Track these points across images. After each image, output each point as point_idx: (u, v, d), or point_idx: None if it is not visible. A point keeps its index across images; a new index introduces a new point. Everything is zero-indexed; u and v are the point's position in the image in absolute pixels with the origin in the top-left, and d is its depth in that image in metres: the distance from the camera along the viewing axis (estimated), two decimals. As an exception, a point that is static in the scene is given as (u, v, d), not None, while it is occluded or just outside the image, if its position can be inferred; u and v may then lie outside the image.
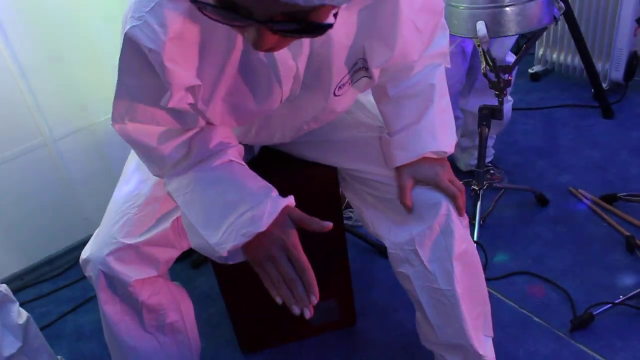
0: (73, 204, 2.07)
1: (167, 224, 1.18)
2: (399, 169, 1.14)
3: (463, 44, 1.78)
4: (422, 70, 1.12)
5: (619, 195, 1.94)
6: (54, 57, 1.85)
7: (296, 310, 0.91)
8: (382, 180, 1.18)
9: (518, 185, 2.01)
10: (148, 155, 1.02)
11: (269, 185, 0.99)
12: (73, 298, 1.95)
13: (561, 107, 2.54)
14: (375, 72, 1.00)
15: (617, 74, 2.51)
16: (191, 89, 0.89)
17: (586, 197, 1.99)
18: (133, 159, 1.27)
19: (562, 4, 1.48)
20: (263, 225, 0.90)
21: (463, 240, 1.13)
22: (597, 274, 1.68)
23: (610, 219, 1.88)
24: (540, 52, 2.76)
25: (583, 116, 2.47)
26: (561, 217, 1.93)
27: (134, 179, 1.22)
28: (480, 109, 1.65)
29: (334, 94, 1.01)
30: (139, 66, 0.84)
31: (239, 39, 0.86)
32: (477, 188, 1.81)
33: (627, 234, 1.79)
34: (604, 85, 2.51)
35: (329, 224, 0.94)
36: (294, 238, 0.93)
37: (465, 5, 1.42)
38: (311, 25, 0.65)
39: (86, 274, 1.18)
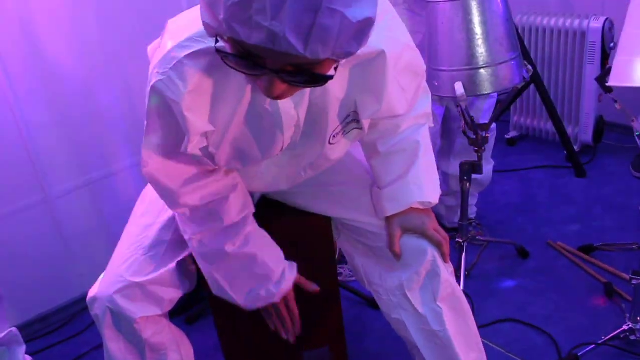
0: (69, 261, 2.10)
1: (172, 265, 1.25)
2: (388, 219, 1.24)
3: (434, 106, 1.93)
4: (408, 128, 1.24)
5: (595, 245, 2.05)
6: (57, 116, 1.94)
7: (284, 335, 1.31)
8: (372, 230, 1.28)
9: (500, 239, 2.12)
10: (168, 196, 1.13)
11: (281, 255, 1.26)
12: (66, 354, 1.95)
13: (537, 168, 2.69)
14: (365, 123, 1.12)
15: (587, 137, 2.68)
16: (205, 134, 1.00)
17: (565, 249, 2.09)
18: (142, 204, 1.35)
19: (530, 67, 1.65)
20: (277, 298, 1.24)
21: (449, 284, 1.21)
22: (579, 318, 1.76)
23: (588, 268, 1.97)
24: (515, 119, 2.94)
25: (558, 176, 2.62)
26: (542, 267, 2.03)
27: (142, 222, 1.31)
28: (462, 165, 1.78)
29: (329, 143, 1.13)
30: (163, 115, 0.96)
31: (248, 90, 0.98)
32: (461, 240, 1.91)
33: (605, 281, 1.88)
34: (575, 147, 2.68)
35: (316, 287, 1.31)
36: (291, 295, 1.27)
37: (445, 68, 1.58)
38: (316, 76, 0.78)
39: (92, 313, 1.23)
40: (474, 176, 2.02)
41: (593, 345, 1.60)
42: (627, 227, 2.17)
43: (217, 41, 0.77)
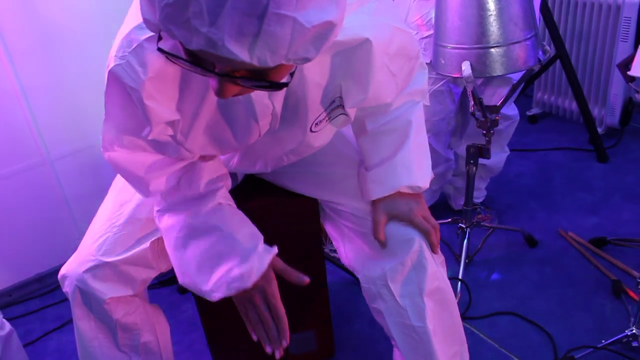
0: (67, 223, 2.09)
1: (146, 245, 1.20)
2: (374, 204, 1.16)
3: (451, 84, 1.82)
4: (400, 106, 1.15)
5: (608, 239, 1.94)
6: (57, 79, 1.90)
7: (268, 350, 1.06)
8: (358, 214, 1.20)
9: (507, 226, 2.02)
10: (136, 183, 1.07)
11: (257, 233, 1.07)
12: (59, 317, 1.96)
13: (557, 150, 2.56)
14: (351, 112, 1.04)
15: (613, 119, 2.53)
16: (170, 123, 0.93)
17: (575, 240, 1.99)
18: (119, 180, 1.30)
19: (547, 48, 1.52)
20: (251, 282, 1.01)
21: (435, 277, 1.14)
22: (582, 317, 1.67)
23: (598, 263, 1.87)
24: (538, 95, 2.79)
25: (578, 159, 2.48)
26: (549, 258, 1.93)
27: (118, 199, 1.25)
28: (468, 148, 1.68)
29: (311, 130, 1.05)
30: (122, 101, 0.89)
31: None
32: (464, 226, 1.82)
33: (614, 278, 1.78)
34: (600, 129, 2.53)
35: (307, 279, 1.07)
36: (274, 288, 1.05)
37: (452, 45, 1.46)
38: (268, 82, 0.70)
39: (63, 290, 1.20)
40: (484, 161, 1.93)
41: (591, 349, 1.51)
42: (646, 219, 2.05)
43: (160, 38, 0.69)
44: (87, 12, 1.89)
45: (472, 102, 1.59)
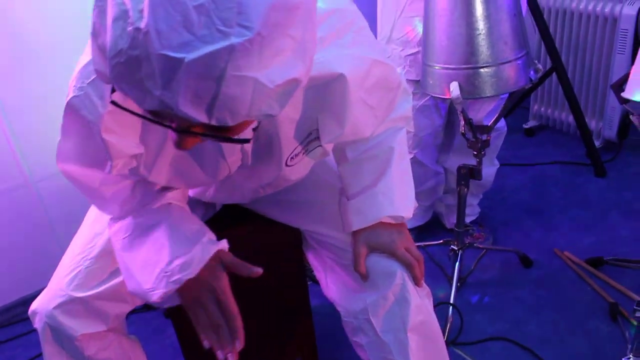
0: (51, 245, 2.04)
1: (119, 278, 1.15)
2: (354, 235, 1.11)
3: (437, 99, 1.78)
4: (382, 132, 1.10)
5: (605, 259, 1.89)
6: (38, 100, 1.86)
7: (220, 356, 0.91)
8: (340, 245, 1.16)
9: (501, 247, 1.97)
10: (91, 194, 1.01)
11: (203, 228, 0.99)
12: (42, 341, 1.90)
13: (553, 163, 2.51)
14: (328, 146, 0.99)
15: (611, 132, 2.48)
16: (134, 156, 0.89)
17: (572, 260, 1.94)
18: (94, 210, 1.26)
19: (539, 66, 1.47)
20: (192, 272, 0.91)
21: (420, 311, 1.08)
22: (577, 342, 1.62)
23: (594, 284, 1.82)
24: (535, 108, 2.74)
25: (575, 174, 2.43)
26: (545, 279, 1.88)
27: (91, 230, 1.21)
28: (459, 169, 1.63)
29: (286, 165, 1.01)
30: (81, 133, 0.85)
31: None
32: (456, 248, 1.77)
33: (611, 300, 1.73)
34: (597, 143, 2.48)
35: (259, 270, 0.95)
36: (223, 283, 0.94)
37: (440, 65, 1.41)
38: (230, 137, 0.67)
39: (34, 326, 1.15)
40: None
41: (586, 378, 1.47)
42: (644, 238, 2.00)
43: (114, 89, 0.65)
44: (69, 32, 1.85)
45: (462, 122, 1.54)
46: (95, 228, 1.20)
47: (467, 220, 2.07)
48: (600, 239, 2.03)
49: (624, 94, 1.25)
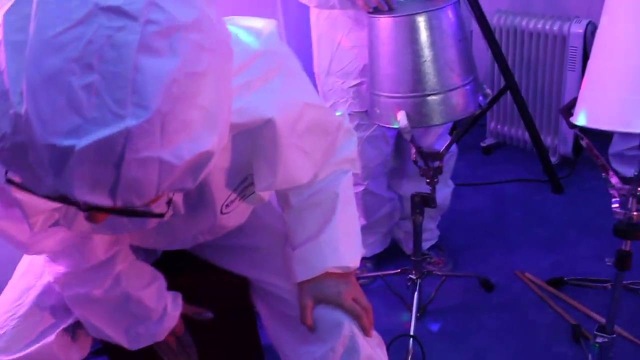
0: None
1: (50, 337, 1.07)
2: (300, 286, 1.05)
3: (385, 128, 1.74)
4: (327, 177, 1.05)
5: (565, 279, 1.87)
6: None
7: None
8: (286, 296, 1.11)
9: (461, 272, 1.93)
10: (18, 246, 0.94)
11: (162, 292, 1.08)
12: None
13: (512, 182, 2.49)
14: (264, 193, 0.94)
15: (566, 148, 2.49)
16: (55, 209, 0.82)
17: (532, 282, 1.91)
18: (24, 261, 1.17)
19: (488, 91, 1.44)
20: (162, 337, 1.09)
21: None
22: (541, 369, 1.58)
23: (556, 306, 1.80)
24: (492, 126, 2.73)
25: (533, 191, 2.42)
26: (507, 303, 1.85)
27: (20, 284, 1.12)
28: (412, 197, 1.58)
29: (221, 212, 0.95)
30: None
31: None
32: (414, 277, 1.72)
33: (574, 322, 1.71)
34: (553, 159, 2.48)
35: (210, 315, 1.16)
36: (179, 325, 1.13)
37: (386, 94, 1.37)
38: (142, 213, 0.62)
39: None
40: None
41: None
42: (603, 255, 1.97)
43: None
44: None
45: (413, 150, 1.51)
46: (25, 282, 1.11)
47: (427, 245, 2.03)
48: (561, 257, 2.02)
49: (573, 120, 1.23)
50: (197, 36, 0.53)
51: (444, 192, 1.94)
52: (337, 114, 1.06)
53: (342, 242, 1.04)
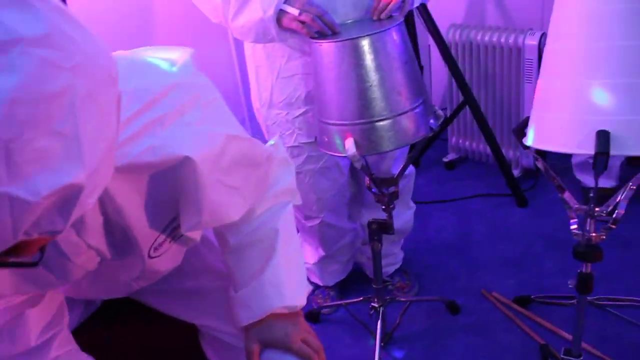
0: None
1: None
2: (245, 330, 0.98)
3: (336, 157, 1.68)
4: (265, 211, 0.99)
5: (532, 297, 1.83)
6: None
7: None
8: (231, 342, 1.03)
9: (425, 297, 1.88)
10: None
11: None
12: None
13: (476, 197, 2.46)
14: (194, 234, 0.87)
15: (529, 160, 2.47)
16: None
17: (499, 301, 1.87)
18: None
19: (440, 112, 1.40)
20: None
21: None
22: (509, 396, 1.53)
23: (524, 325, 1.76)
24: (453, 140, 2.70)
25: (498, 206, 2.39)
26: (474, 325, 1.80)
27: None
28: (370, 224, 1.53)
29: (149, 256, 0.87)
30: None
31: None
32: (377, 306, 1.66)
33: (542, 342, 1.67)
34: (516, 172, 2.46)
35: None
36: None
37: (333, 121, 1.32)
38: (12, 263, 0.54)
39: None
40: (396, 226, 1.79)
41: None
42: (568, 268, 1.95)
43: None
44: None
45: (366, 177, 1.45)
46: None
47: (391, 269, 1.98)
48: (527, 273, 1.99)
49: (526, 141, 1.19)
50: (47, 52, 0.45)
51: (406, 214, 1.89)
52: (270, 142, 1.00)
53: (286, 281, 0.97)
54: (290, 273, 0.98)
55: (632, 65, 1.03)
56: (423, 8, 2.29)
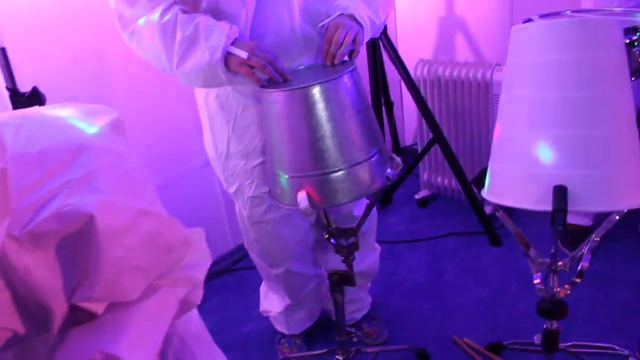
0: None
1: None
2: None
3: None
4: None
5: (505, 344, 1.76)
6: None
7: None
8: None
9: (392, 347, 1.81)
10: None
11: None
12: None
13: (449, 235, 2.41)
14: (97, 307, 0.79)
15: (501, 197, 2.42)
16: None
17: (471, 347, 1.80)
18: None
19: (398, 160, 1.35)
20: None
21: None
22: None
23: (496, 375, 1.69)
24: (425, 177, 2.66)
25: (471, 244, 2.34)
26: (445, 375, 1.73)
27: None
28: (330, 275, 1.46)
29: None
30: None
31: None
32: (341, 358, 1.58)
33: (515, 394, 1.59)
34: (488, 209, 2.41)
35: None
36: None
37: (285, 173, 1.26)
38: None
39: None
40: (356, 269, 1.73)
41: None
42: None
43: None
44: None
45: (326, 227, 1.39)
46: None
47: (358, 315, 1.91)
48: (501, 316, 1.92)
49: (484, 194, 1.14)
50: None
51: (371, 257, 1.83)
52: (178, 227, 0.86)
53: None
54: None
55: (588, 117, 0.98)
56: (389, 44, 2.27)
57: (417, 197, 2.65)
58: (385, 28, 2.26)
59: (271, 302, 1.87)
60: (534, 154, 1.01)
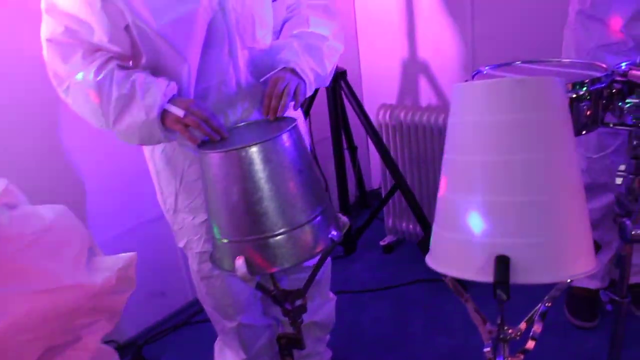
0: None
1: None
2: None
3: None
4: None
5: (468, 403, 1.69)
6: None
7: None
8: None
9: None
10: None
11: None
12: None
13: (414, 283, 2.34)
14: None
15: (467, 243, 2.37)
16: None
17: (434, 407, 1.72)
18: None
19: (345, 220, 1.29)
20: None
21: None
22: None
23: None
24: (390, 223, 2.60)
25: (435, 293, 2.27)
26: None
27: None
28: (278, 339, 1.38)
29: None
30: None
31: None
32: None
33: None
34: (454, 255, 2.36)
35: None
36: None
37: (223, 237, 1.19)
38: None
39: None
40: (312, 319, 1.66)
41: None
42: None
43: None
44: None
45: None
46: None
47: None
48: (466, 370, 1.85)
49: (428, 262, 1.08)
50: None
51: (326, 307, 1.77)
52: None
53: None
54: None
55: (529, 182, 0.94)
56: (349, 89, 2.24)
57: (382, 243, 2.59)
58: (345, 73, 2.24)
59: (225, 359, 1.79)
60: (473, 221, 0.96)
